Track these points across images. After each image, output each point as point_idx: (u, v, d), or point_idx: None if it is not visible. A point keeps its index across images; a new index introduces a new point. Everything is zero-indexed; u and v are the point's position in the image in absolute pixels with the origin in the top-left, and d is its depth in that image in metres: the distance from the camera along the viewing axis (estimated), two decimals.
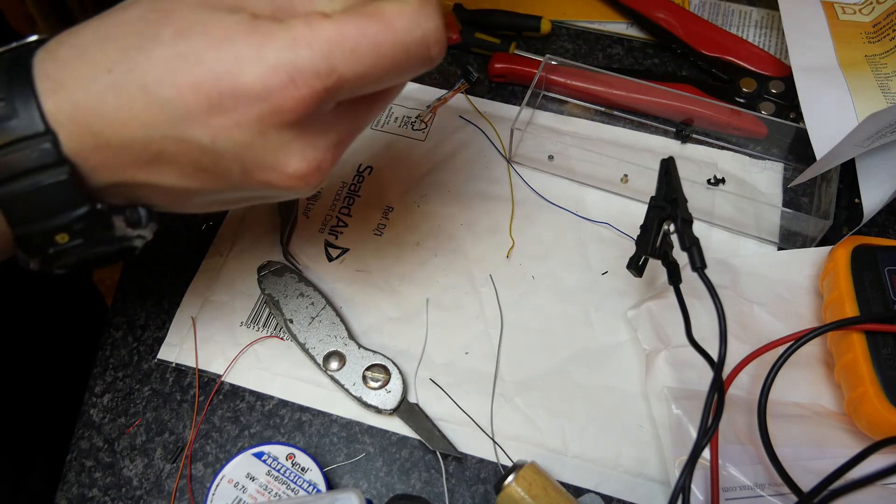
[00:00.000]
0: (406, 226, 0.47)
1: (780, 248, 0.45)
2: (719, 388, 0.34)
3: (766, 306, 0.42)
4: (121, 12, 0.27)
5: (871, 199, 0.43)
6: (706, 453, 0.34)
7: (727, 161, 0.49)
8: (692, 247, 0.34)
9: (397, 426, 0.41)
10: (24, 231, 0.27)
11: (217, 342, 0.43)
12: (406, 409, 0.40)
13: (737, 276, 0.43)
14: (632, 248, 0.41)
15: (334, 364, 0.41)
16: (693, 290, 0.36)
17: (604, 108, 0.52)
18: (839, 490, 0.32)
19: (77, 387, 0.44)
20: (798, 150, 0.47)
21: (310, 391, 0.42)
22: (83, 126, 0.26)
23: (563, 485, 0.38)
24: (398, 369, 0.41)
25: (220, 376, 0.43)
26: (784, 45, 0.53)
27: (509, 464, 0.38)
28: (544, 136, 0.50)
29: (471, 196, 0.49)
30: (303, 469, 0.38)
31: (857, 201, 0.44)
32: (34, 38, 0.27)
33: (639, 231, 0.40)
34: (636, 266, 0.41)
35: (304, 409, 0.42)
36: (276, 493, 0.37)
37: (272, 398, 0.42)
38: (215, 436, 0.41)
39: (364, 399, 0.40)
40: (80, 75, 0.26)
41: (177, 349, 0.43)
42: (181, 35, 0.25)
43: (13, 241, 0.27)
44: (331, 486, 0.39)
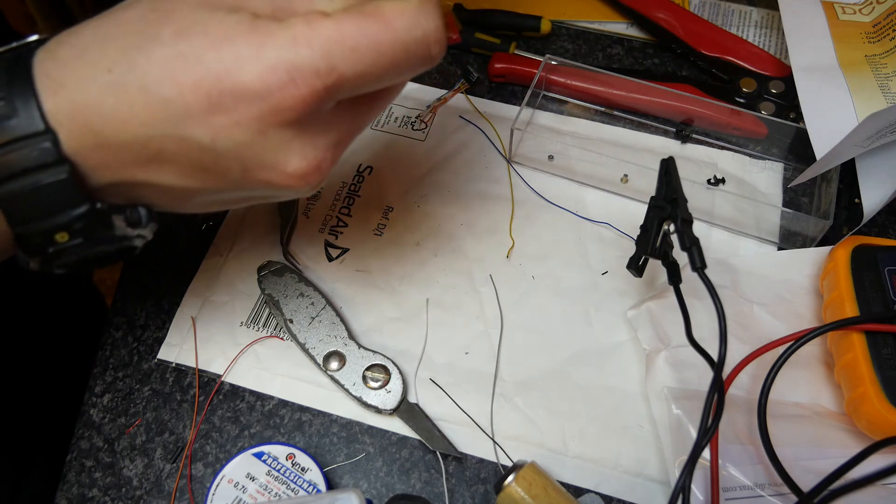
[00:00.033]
0: (406, 226, 0.47)
1: (780, 248, 0.45)
2: (719, 388, 0.33)
3: (766, 306, 0.42)
4: (121, 12, 0.27)
5: (871, 199, 0.43)
6: (706, 453, 0.34)
7: (727, 161, 0.49)
8: (692, 247, 0.34)
9: (397, 426, 0.41)
10: (24, 230, 0.27)
11: (217, 342, 0.43)
12: (406, 409, 0.40)
13: (737, 276, 0.43)
14: (632, 248, 0.41)
15: (334, 364, 0.41)
16: (693, 290, 0.36)
17: (604, 108, 0.52)
18: (839, 490, 0.32)
19: (77, 387, 0.44)
20: (798, 150, 0.47)
21: (310, 391, 0.42)
22: (83, 125, 0.26)
23: (563, 485, 0.38)
24: (398, 369, 0.41)
25: (220, 376, 0.43)
26: (784, 45, 0.53)
27: (509, 464, 0.38)
28: (544, 136, 0.50)
29: (471, 196, 0.49)
30: (303, 469, 0.38)
31: (857, 201, 0.44)
32: (34, 37, 0.27)
33: (639, 231, 0.40)
34: (636, 266, 0.41)
35: (304, 409, 0.42)
36: (276, 493, 0.37)
37: (272, 398, 0.42)
38: (215, 436, 0.41)
39: (364, 399, 0.40)
40: (80, 75, 0.26)
41: (177, 349, 0.43)
42: (181, 35, 0.25)
43: (13, 241, 0.27)
44: (331, 486, 0.39)
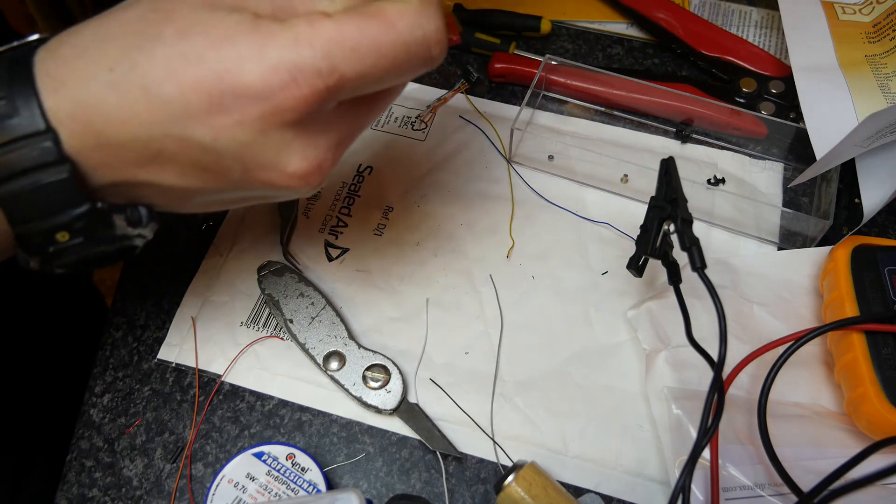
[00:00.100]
0: (406, 226, 0.47)
1: (780, 248, 0.45)
2: (719, 388, 0.34)
3: (766, 306, 0.42)
4: (121, 12, 0.27)
5: (871, 199, 0.43)
6: (706, 453, 0.34)
7: (727, 161, 0.49)
8: (692, 247, 0.34)
9: (397, 426, 0.41)
10: (25, 230, 0.27)
11: (217, 342, 0.43)
12: (406, 409, 0.40)
13: (737, 276, 0.43)
14: (632, 248, 0.41)
15: (334, 364, 0.41)
16: (693, 290, 0.36)
17: (604, 108, 0.52)
18: (839, 490, 0.32)
19: (77, 387, 0.44)
20: (798, 150, 0.47)
21: (310, 391, 0.42)
22: (84, 124, 0.26)
23: (563, 485, 0.38)
24: (398, 369, 0.41)
25: (220, 376, 0.42)
26: (784, 45, 0.53)
27: (509, 464, 0.38)
28: (544, 136, 0.50)
29: (471, 196, 0.49)
30: (303, 469, 0.38)
31: (857, 201, 0.44)
32: (35, 37, 0.27)
33: (639, 231, 0.40)
34: (636, 266, 0.41)
35: (304, 409, 0.42)
36: (276, 493, 0.37)
37: (272, 398, 0.42)
38: (215, 436, 0.41)
39: (364, 399, 0.40)
40: (81, 74, 0.26)
41: (177, 349, 0.43)
42: (182, 34, 0.25)
43: (13, 240, 0.27)
44: (331, 486, 0.39)
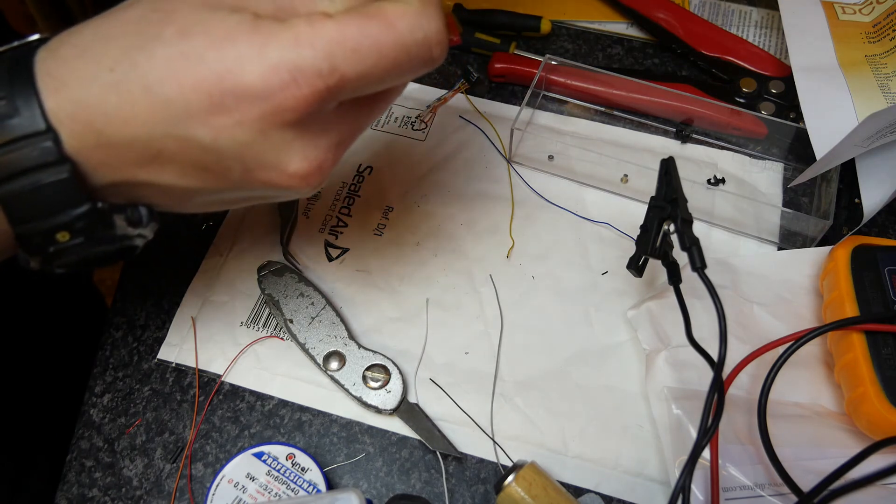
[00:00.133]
0: (406, 226, 0.47)
1: (780, 248, 0.45)
2: (719, 388, 0.34)
3: (766, 306, 0.42)
4: (122, 12, 0.27)
5: (871, 199, 0.43)
6: (706, 453, 0.34)
7: (727, 161, 0.49)
8: (692, 247, 0.34)
9: (397, 426, 0.41)
10: (25, 230, 0.27)
11: (217, 342, 0.43)
12: (406, 409, 0.40)
13: (737, 276, 0.43)
14: (632, 248, 0.41)
15: (334, 364, 0.41)
16: (693, 290, 0.36)
17: (604, 108, 0.52)
18: (839, 490, 0.32)
19: (77, 387, 0.44)
20: (798, 150, 0.47)
21: (310, 391, 0.42)
22: (85, 124, 0.26)
23: (563, 485, 0.38)
24: (398, 369, 0.41)
25: (220, 376, 0.42)
26: (784, 45, 0.53)
27: (509, 464, 0.38)
28: (544, 136, 0.50)
29: (471, 196, 0.49)
30: (303, 469, 0.38)
31: (857, 201, 0.44)
32: (36, 37, 0.27)
33: (639, 231, 0.40)
34: (636, 266, 0.41)
35: (304, 409, 0.42)
36: (276, 493, 0.37)
37: (272, 398, 0.42)
38: (215, 436, 0.41)
39: (364, 399, 0.40)
40: (82, 74, 0.26)
41: (177, 349, 0.43)
42: (183, 34, 0.25)
43: (14, 240, 0.27)
44: (331, 486, 0.39)
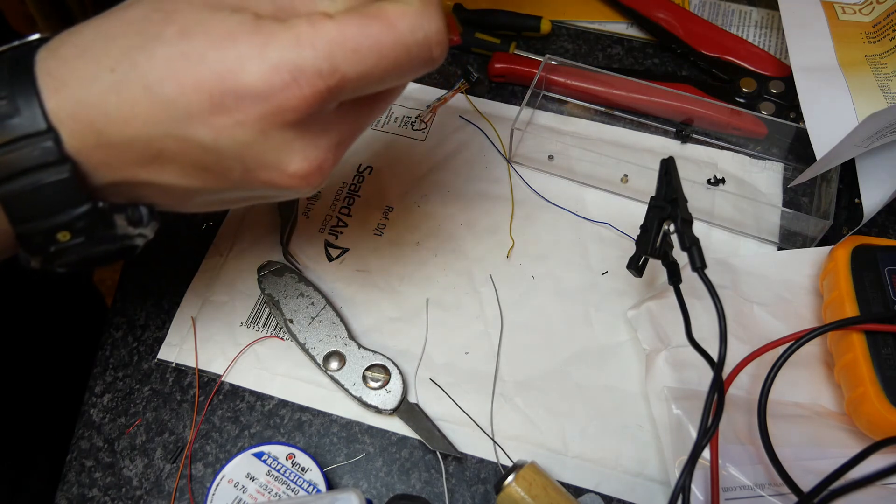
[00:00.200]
0: (406, 226, 0.47)
1: (780, 248, 0.45)
2: (719, 388, 0.34)
3: (766, 306, 0.42)
4: (123, 12, 0.27)
5: (871, 199, 0.43)
6: (706, 453, 0.34)
7: (727, 161, 0.49)
8: (692, 247, 0.34)
9: (397, 426, 0.41)
10: (26, 229, 0.27)
11: (217, 342, 0.43)
12: (406, 409, 0.40)
13: (737, 276, 0.43)
14: (632, 248, 0.41)
15: (334, 364, 0.41)
16: (693, 290, 0.36)
17: (604, 108, 0.52)
18: (839, 490, 0.32)
19: (77, 387, 0.44)
20: (798, 150, 0.47)
21: (310, 391, 0.42)
22: (85, 124, 0.26)
23: (563, 485, 0.38)
24: (398, 369, 0.41)
25: (220, 376, 0.42)
26: (784, 45, 0.53)
27: (509, 464, 0.38)
28: (544, 136, 0.50)
29: (471, 196, 0.49)
30: (303, 469, 0.38)
31: (857, 201, 0.44)
32: (36, 36, 0.27)
33: (639, 231, 0.40)
34: (636, 266, 0.41)
35: (304, 409, 0.42)
36: (276, 493, 0.37)
37: (272, 398, 0.42)
38: (215, 436, 0.41)
39: (364, 399, 0.40)
40: (83, 74, 0.26)
41: (177, 349, 0.43)
42: (184, 35, 0.25)
43: (14, 240, 0.27)
44: (331, 486, 0.39)
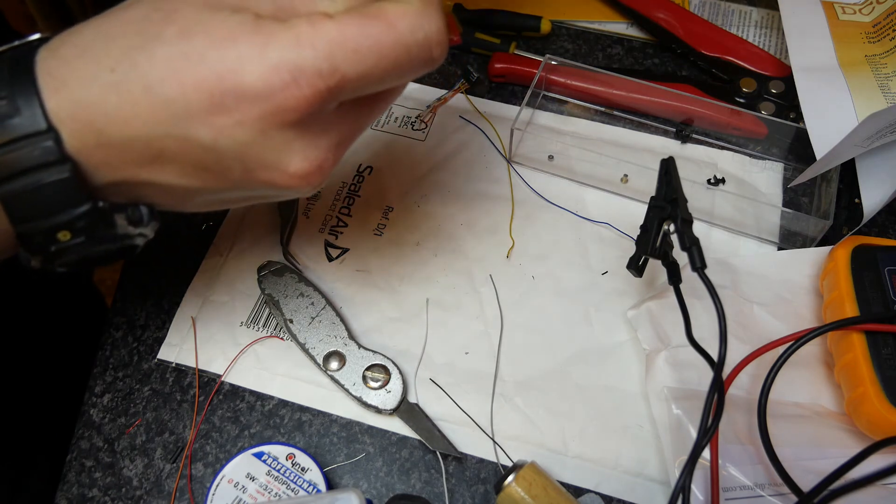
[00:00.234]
0: (406, 226, 0.47)
1: (780, 248, 0.45)
2: (719, 388, 0.34)
3: (766, 306, 0.42)
4: (123, 12, 0.27)
5: (871, 199, 0.43)
6: (706, 453, 0.34)
7: (727, 161, 0.49)
8: (692, 247, 0.34)
9: (397, 426, 0.41)
10: (26, 229, 0.27)
11: (217, 342, 0.43)
12: (406, 409, 0.40)
13: (737, 276, 0.43)
14: (632, 248, 0.41)
15: (334, 364, 0.41)
16: (693, 290, 0.36)
17: (604, 108, 0.52)
18: (839, 490, 0.32)
19: (77, 387, 0.44)
20: (798, 150, 0.47)
21: (310, 391, 0.42)
22: (85, 124, 0.26)
23: (563, 485, 0.38)
24: (398, 369, 0.41)
25: (220, 376, 0.42)
26: (784, 45, 0.53)
27: (509, 464, 0.38)
28: (544, 136, 0.50)
29: (471, 196, 0.49)
30: (303, 469, 0.38)
31: (857, 201, 0.44)
32: (36, 36, 0.27)
33: (639, 231, 0.40)
34: (636, 266, 0.41)
35: (304, 409, 0.42)
36: (276, 493, 0.37)
37: (272, 398, 0.42)
38: (215, 436, 0.41)
39: (364, 399, 0.40)
40: (83, 74, 0.26)
41: (177, 349, 0.43)
42: (184, 35, 0.25)
43: (15, 239, 0.27)
44: (331, 486, 0.39)
